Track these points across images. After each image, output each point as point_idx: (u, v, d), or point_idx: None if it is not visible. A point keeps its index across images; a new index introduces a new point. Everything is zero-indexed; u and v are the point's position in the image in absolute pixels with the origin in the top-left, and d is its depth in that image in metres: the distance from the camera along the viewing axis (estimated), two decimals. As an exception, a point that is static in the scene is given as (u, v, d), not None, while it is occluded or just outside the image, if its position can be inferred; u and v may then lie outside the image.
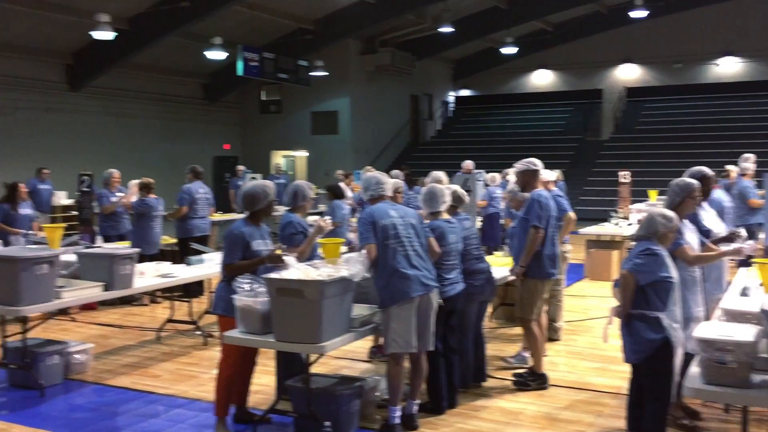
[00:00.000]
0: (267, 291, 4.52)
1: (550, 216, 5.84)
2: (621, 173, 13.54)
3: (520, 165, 6.07)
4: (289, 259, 4.73)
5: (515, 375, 5.98)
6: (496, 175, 12.31)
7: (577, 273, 11.23)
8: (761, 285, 4.61)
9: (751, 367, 3.60)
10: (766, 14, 23.17)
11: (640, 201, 13.79)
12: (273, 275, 4.54)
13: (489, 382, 5.98)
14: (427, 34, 22.83)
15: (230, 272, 4.81)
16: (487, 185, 12.17)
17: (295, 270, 4.58)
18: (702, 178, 5.24)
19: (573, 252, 12.95)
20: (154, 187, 9.31)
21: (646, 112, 25.06)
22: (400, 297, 4.83)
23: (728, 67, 25.07)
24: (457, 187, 5.95)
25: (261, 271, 4.75)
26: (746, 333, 3.66)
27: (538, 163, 6.05)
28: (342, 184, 13.81)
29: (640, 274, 4.18)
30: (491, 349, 6.81)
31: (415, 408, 5.09)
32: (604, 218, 12.30)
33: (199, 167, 10.16)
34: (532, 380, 5.84)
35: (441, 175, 6.83)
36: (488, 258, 6.37)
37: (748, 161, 11.35)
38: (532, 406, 5.49)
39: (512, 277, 6.15)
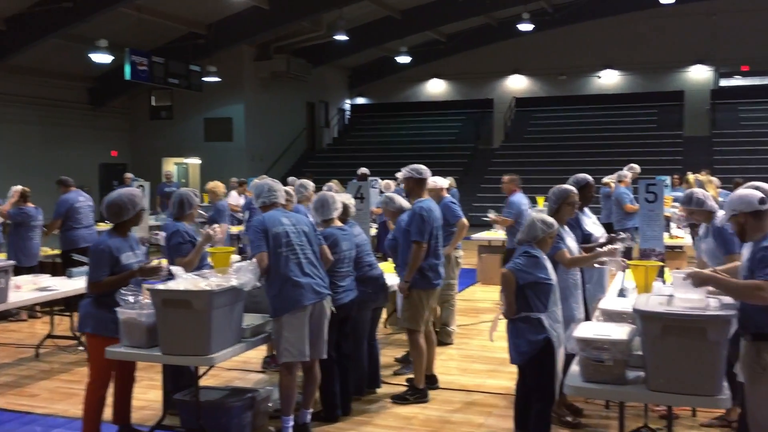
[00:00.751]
0: (152, 303, 4.36)
1: (433, 227, 5.72)
2: (510, 180, 13.93)
3: (404, 172, 5.96)
4: (176, 269, 4.59)
5: (406, 380, 5.98)
6: (391, 182, 12.44)
7: (469, 278, 11.51)
8: (636, 286, 4.86)
9: (626, 364, 3.79)
10: (642, 30, 24.64)
11: (530, 207, 14.28)
12: (159, 286, 4.39)
13: (383, 388, 6.00)
14: (322, 41, 22.86)
15: (97, 290, 4.55)
16: (381, 192, 12.28)
17: (182, 280, 4.44)
18: (585, 185, 5.49)
19: (465, 257, 13.27)
20: (29, 196, 8.81)
21: (534, 122, 26.07)
22: (293, 305, 4.77)
23: (609, 79, 26.49)
24: (346, 196, 5.94)
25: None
26: (621, 332, 3.85)
27: (423, 171, 5.92)
28: (234, 192, 13.58)
29: (520, 274, 4.34)
30: (386, 355, 6.88)
31: (309, 417, 5.04)
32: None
33: (67, 178, 9.54)
34: (410, 394, 5.75)
35: (333, 184, 6.80)
36: (381, 265, 6.40)
37: (632, 170, 12.06)
38: (425, 411, 5.56)
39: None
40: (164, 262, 4.97)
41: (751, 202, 3.71)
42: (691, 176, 12.08)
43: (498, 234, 11.60)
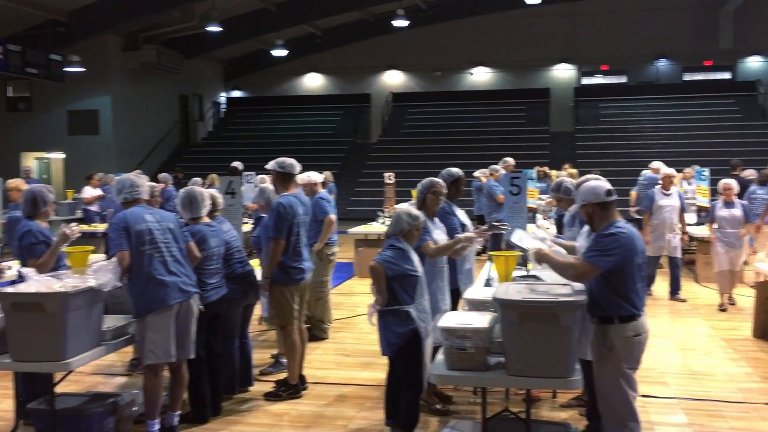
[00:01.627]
0: (1, 307, 4.08)
1: (294, 223, 5.59)
2: (386, 174, 14.17)
3: (271, 165, 5.77)
4: (27, 271, 4.31)
5: (276, 383, 5.88)
6: (266, 177, 12.28)
7: (346, 272, 11.56)
8: (498, 276, 5.03)
9: (488, 351, 3.93)
10: (511, 29, 25.64)
11: (405, 200, 14.55)
12: (8, 289, 4.11)
13: (256, 386, 5.92)
14: (195, 32, 22.21)
15: None
16: (257, 187, 12.09)
17: (33, 282, 4.18)
18: (456, 179, 5.61)
19: (343, 251, 13.32)
20: None
21: (411, 117, 26.53)
22: (157, 305, 4.61)
23: (481, 76, 27.37)
24: (214, 191, 5.80)
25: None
26: (482, 320, 3.99)
27: (288, 165, 5.73)
28: (88, 187, 12.96)
29: (388, 266, 4.40)
30: (259, 352, 6.79)
31: (176, 419, 4.90)
32: (373, 218, 12.80)
33: None
34: (284, 390, 5.70)
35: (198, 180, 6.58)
36: (253, 262, 6.30)
37: (505, 164, 12.53)
38: (298, 407, 5.53)
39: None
40: (16, 263, 4.67)
41: (599, 194, 3.96)
42: (554, 173, 12.72)
43: (374, 228, 11.74)
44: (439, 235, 5.16)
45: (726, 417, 5.22)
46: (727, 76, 25.86)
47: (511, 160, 12.89)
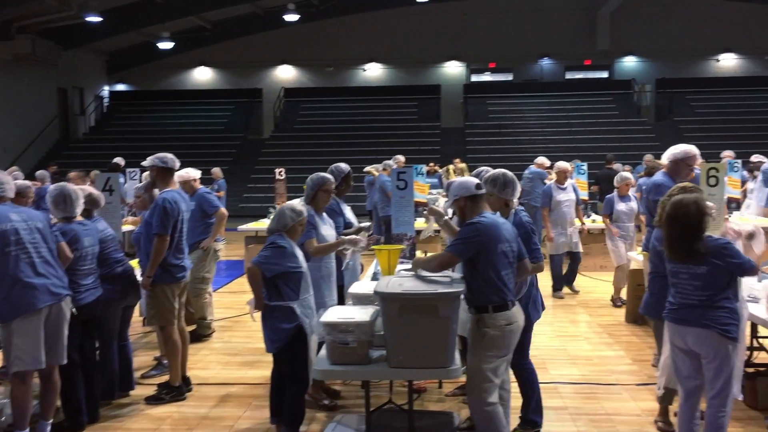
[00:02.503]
0: None
1: (178, 219, 5.46)
2: (277, 170, 14.01)
3: (150, 161, 5.58)
4: None
5: (158, 386, 5.69)
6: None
7: (237, 269, 11.36)
8: (381, 269, 5.07)
9: (370, 344, 3.95)
10: (403, 26, 25.96)
11: (298, 196, 14.45)
12: None
13: (138, 390, 5.70)
14: (73, 22, 21.12)
15: None
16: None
17: None
18: (346, 175, 5.59)
19: (233, 248, 13.07)
20: None
21: (304, 112, 26.38)
22: (25, 309, 4.35)
23: (373, 72, 27.55)
24: (90, 189, 5.53)
25: None
26: (364, 314, 4.01)
27: (170, 160, 5.59)
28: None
29: (266, 266, 4.33)
30: (142, 355, 6.55)
31: (48, 428, 4.64)
32: (266, 214, 12.61)
33: None
34: (167, 393, 5.53)
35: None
36: (133, 261, 6.07)
37: (397, 161, 12.65)
38: (181, 409, 5.37)
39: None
40: None
41: (469, 188, 4.12)
42: (451, 167, 12.98)
43: (265, 224, 11.57)
44: (327, 230, 5.15)
45: (600, 399, 5.49)
46: (605, 75, 27.24)
47: (401, 157, 13.08)
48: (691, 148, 5.63)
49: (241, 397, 5.64)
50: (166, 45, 23.86)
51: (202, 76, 27.85)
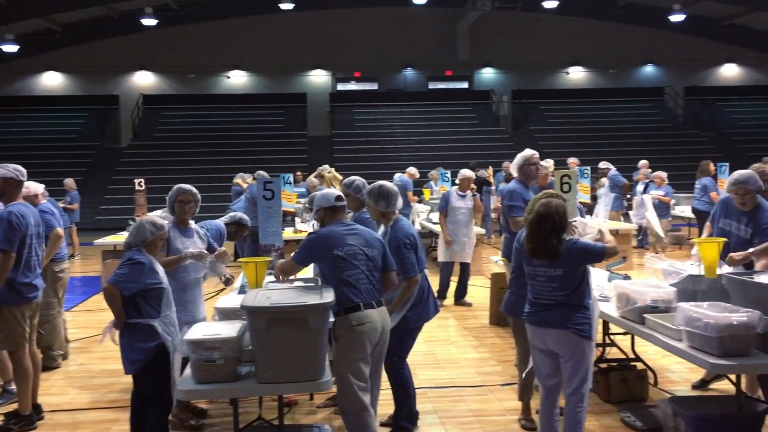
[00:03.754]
0: None
1: (27, 234, 5.06)
2: (136, 180, 13.41)
3: (6, 171, 5.11)
4: None
5: (4, 416, 5.24)
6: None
7: (94, 286, 10.74)
8: (247, 282, 4.93)
9: (238, 360, 3.82)
10: (267, 33, 25.69)
11: (159, 207, 13.88)
12: None
13: (-19, 422, 5.22)
14: None
15: None
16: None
17: None
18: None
19: (91, 264, 12.35)
20: None
21: (165, 120, 25.46)
22: None
23: (238, 80, 27.05)
24: None
25: None
26: (231, 329, 3.87)
27: (20, 171, 5.16)
28: None
29: (123, 285, 4.11)
30: None
31: None
32: (124, 227, 12.01)
33: None
34: (15, 423, 5.11)
35: None
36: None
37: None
38: (30, 439, 4.98)
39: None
40: None
41: (329, 199, 4.35)
42: (327, 174, 12.96)
43: (124, 238, 11.02)
44: (185, 243, 4.97)
45: (467, 400, 5.63)
46: (465, 85, 28.25)
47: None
48: (527, 151, 6.01)
49: (98, 422, 5.30)
50: (10, 48, 22.27)
51: (52, 81, 26.24)
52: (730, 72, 28.04)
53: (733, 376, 4.22)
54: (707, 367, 3.93)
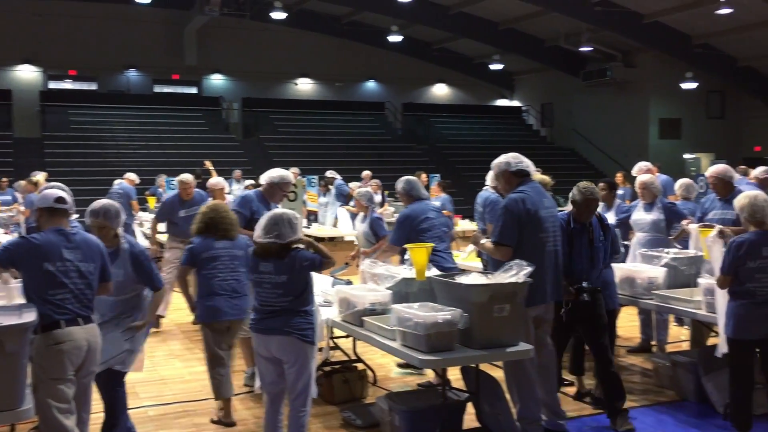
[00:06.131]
0: None
1: None
2: None
3: None
4: None
5: None
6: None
7: None
8: None
9: None
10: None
11: None
12: None
13: None
14: None
15: None
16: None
17: None
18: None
19: None
20: None
21: None
22: None
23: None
24: None
25: None
26: None
27: None
28: None
29: None
30: None
31: None
32: None
33: None
34: None
35: None
36: None
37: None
38: None
39: None
40: None
41: (48, 200, 3.99)
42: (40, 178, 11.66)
43: None
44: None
45: (191, 415, 5.45)
46: (194, 90, 27.54)
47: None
48: (288, 174, 6.05)
49: None
50: None
51: None
52: (440, 91, 30.82)
53: (440, 370, 4.61)
54: (417, 363, 4.23)
